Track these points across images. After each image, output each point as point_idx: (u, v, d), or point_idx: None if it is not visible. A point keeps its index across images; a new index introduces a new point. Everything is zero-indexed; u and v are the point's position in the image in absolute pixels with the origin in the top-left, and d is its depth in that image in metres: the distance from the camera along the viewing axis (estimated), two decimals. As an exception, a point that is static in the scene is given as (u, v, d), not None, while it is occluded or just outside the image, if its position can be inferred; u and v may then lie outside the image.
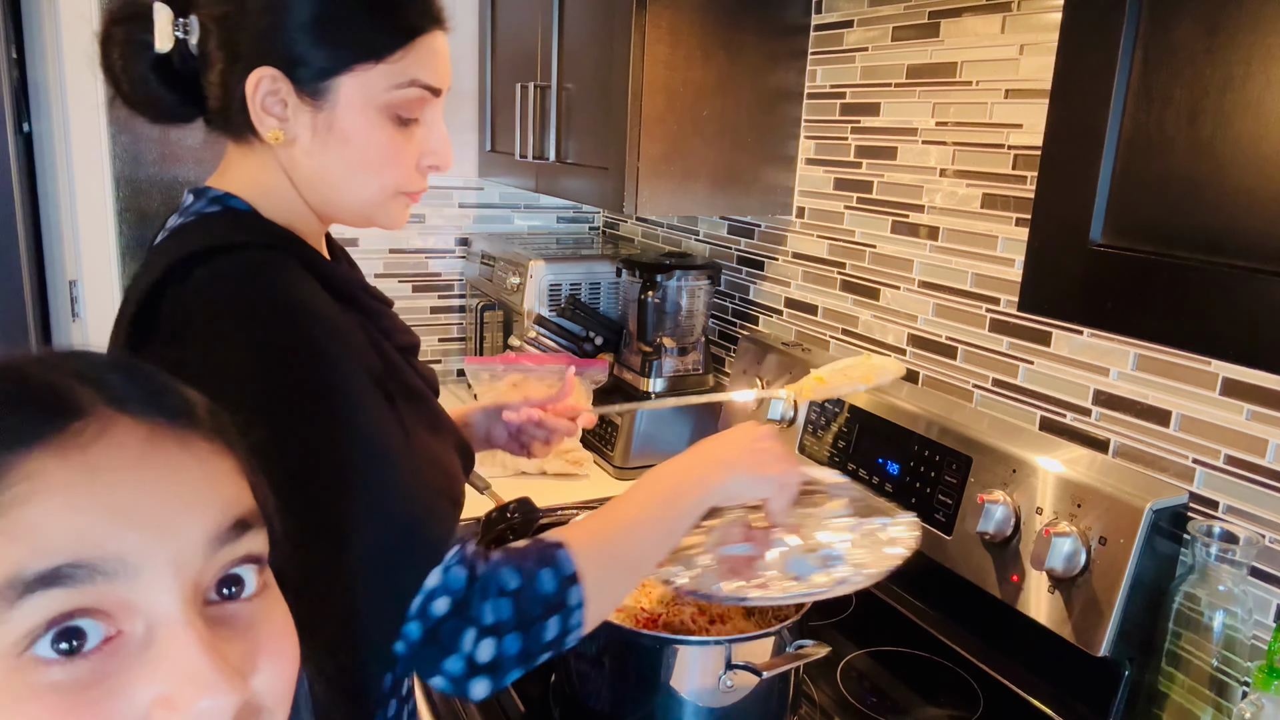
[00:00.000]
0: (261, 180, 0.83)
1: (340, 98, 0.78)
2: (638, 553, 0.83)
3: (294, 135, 0.79)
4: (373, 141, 0.81)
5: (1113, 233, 0.70)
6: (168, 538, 0.39)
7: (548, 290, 1.92)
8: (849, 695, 1.12)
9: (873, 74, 1.47)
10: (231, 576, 0.42)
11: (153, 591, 0.38)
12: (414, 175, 0.85)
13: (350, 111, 0.79)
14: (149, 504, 0.39)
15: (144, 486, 0.39)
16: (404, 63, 0.80)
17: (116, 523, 0.37)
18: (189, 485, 0.40)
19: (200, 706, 0.37)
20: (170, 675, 0.37)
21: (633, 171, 1.50)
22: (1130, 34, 0.67)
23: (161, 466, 0.40)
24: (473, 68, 2.26)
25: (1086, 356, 1.17)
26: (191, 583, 0.39)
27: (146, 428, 0.40)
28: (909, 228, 1.43)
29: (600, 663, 0.99)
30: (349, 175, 0.82)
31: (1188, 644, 0.97)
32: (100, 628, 0.37)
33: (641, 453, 1.75)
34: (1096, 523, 1.03)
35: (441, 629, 0.72)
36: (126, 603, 0.37)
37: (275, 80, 0.77)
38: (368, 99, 0.79)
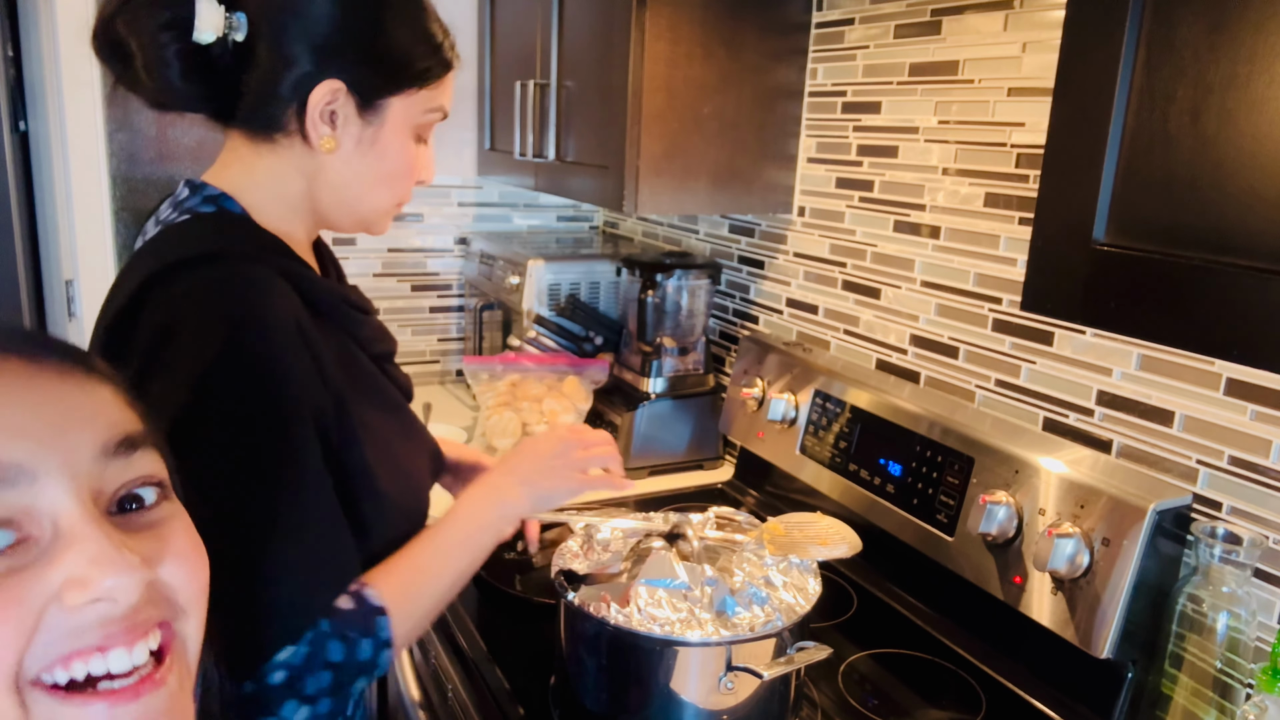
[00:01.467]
0: (268, 182, 0.86)
1: (390, 116, 0.87)
2: (446, 593, 0.91)
3: (340, 143, 0.85)
4: (402, 156, 0.89)
5: (1116, 232, 0.70)
6: (57, 447, 0.44)
7: (547, 290, 1.91)
8: (850, 697, 1.11)
9: (874, 72, 1.46)
10: (132, 495, 0.47)
11: (51, 494, 0.43)
12: (409, 190, 0.94)
13: (394, 129, 0.88)
14: (35, 419, 0.44)
15: (29, 406, 0.44)
16: (437, 90, 0.92)
17: (7, 434, 0.42)
18: (71, 404, 0.46)
19: (107, 584, 0.42)
20: (78, 561, 0.42)
21: (633, 170, 1.49)
22: (1133, 32, 0.67)
23: (45, 390, 0.45)
24: (472, 66, 2.25)
25: (1089, 356, 1.16)
26: (89, 489, 0.44)
27: (31, 365, 0.46)
28: (911, 227, 1.42)
29: (600, 664, 0.98)
30: (375, 184, 0.89)
31: (1191, 646, 0.96)
32: (9, 534, 0.42)
33: (641, 453, 1.74)
34: (1099, 524, 1.02)
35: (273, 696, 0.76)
36: (29, 509, 0.42)
37: (339, 93, 0.83)
38: (407, 120, 0.88)
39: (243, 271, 0.79)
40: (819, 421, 1.46)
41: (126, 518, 0.47)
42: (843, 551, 1.03)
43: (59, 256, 2.33)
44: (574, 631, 1.00)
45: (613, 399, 1.79)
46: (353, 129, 0.86)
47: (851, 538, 1.05)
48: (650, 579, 0.96)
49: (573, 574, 1.01)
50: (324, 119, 0.84)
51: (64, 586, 0.42)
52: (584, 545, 1.06)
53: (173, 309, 0.76)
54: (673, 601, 0.94)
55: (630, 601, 0.94)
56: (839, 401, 1.42)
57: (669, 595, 0.95)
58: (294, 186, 0.87)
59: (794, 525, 1.07)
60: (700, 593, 0.95)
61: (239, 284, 0.78)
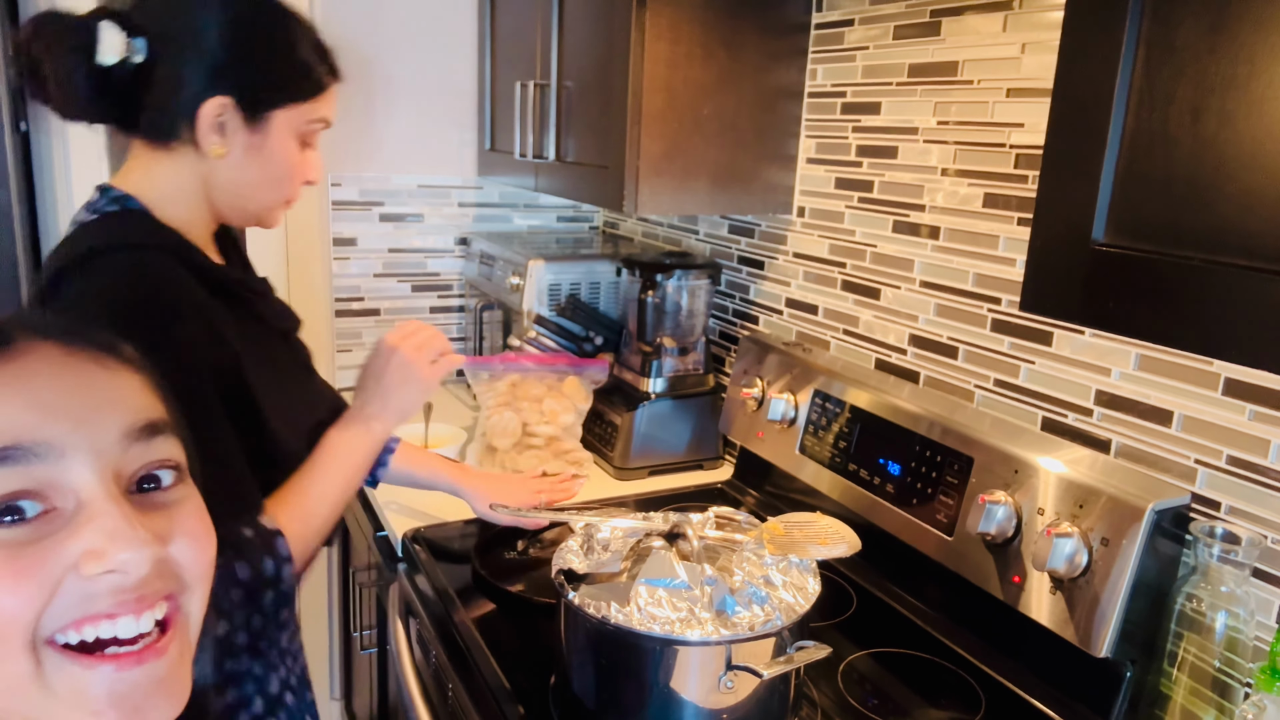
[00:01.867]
0: (166, 183, 0.99)
1: (273, 127, 1.00)
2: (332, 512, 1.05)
3: (228, 150, 0.98)
4: (287, 161, 1.02)
5: (1115, 232, 0.70)
6: (86, 428, 0.48)
7: (547, 290, 1.91)
8: (850, 696, 1.12)
9: (874, 73, 1.47)
10: (150, 476, 0.51)
11: (77, 471, 0.47)
12: (298, 189, 1.07)
13: (278, 138, 1.00)
14: (68, 401, 0.48)
15: (63, 388, 0.48)
16: (318, 103, 1.04)
17: (43, 414, 0.47)
18: (102, 390, 0.50)
19: (121, 557, 0.46)
20: (96, 534, 0.46)
21: (633, 170, 1.50)
22: (1133, 32, 0.67)
23: (79, 374, 0.50)
24: (472, 67, 2.26)
25: (1088, 356, 1.17)
26: (111, 469, 0.49)
27: (66, 350, 0.50)
28: (910, 227, 1.42)
29: (600, 663, 0.99)
30: (262, 186, 1.03)
31: (1190, 645, 0.97)
32: (37, 505, 0.46)
33: (641, 453, 1.75)
34: (1098, 523, 1.02)
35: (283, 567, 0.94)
36: (56, 482, 0.47)
37: (227, 107, 0.96)
38: (291, 129, 1.01)
39: (139, 258, 0.92)
40: (818, 421, 1.46)
41: (144, 496, 0.51)
42: (842, 551, 1.03)
43: (59, 256, 2.33)
44: (574, 631, 1.00)
45: (613, 399, 1.79)
46: (240, 138, 0.98)
47: (851, 537, 1.05)
48: (650, 578, 0.96)
49: (573, 573, 1.01)
50: (214, 129, 0.96)
51: (82, 557, 0.46)
52: (584, 545, 1.06)
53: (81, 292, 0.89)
54: (673, 601, 0.94)
55: (630, 601, 0.94)
56: (838, 401, 1.42)
57: (669, 594, 0.95)
58: (189, 187, 1.00)
59: (793, 525, 1.07)
60: (700, 592, 0.95)
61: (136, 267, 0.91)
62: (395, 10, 2.16)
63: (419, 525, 1.52)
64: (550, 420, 1.72)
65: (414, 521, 1.54)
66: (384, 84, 2.18)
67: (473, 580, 1.35)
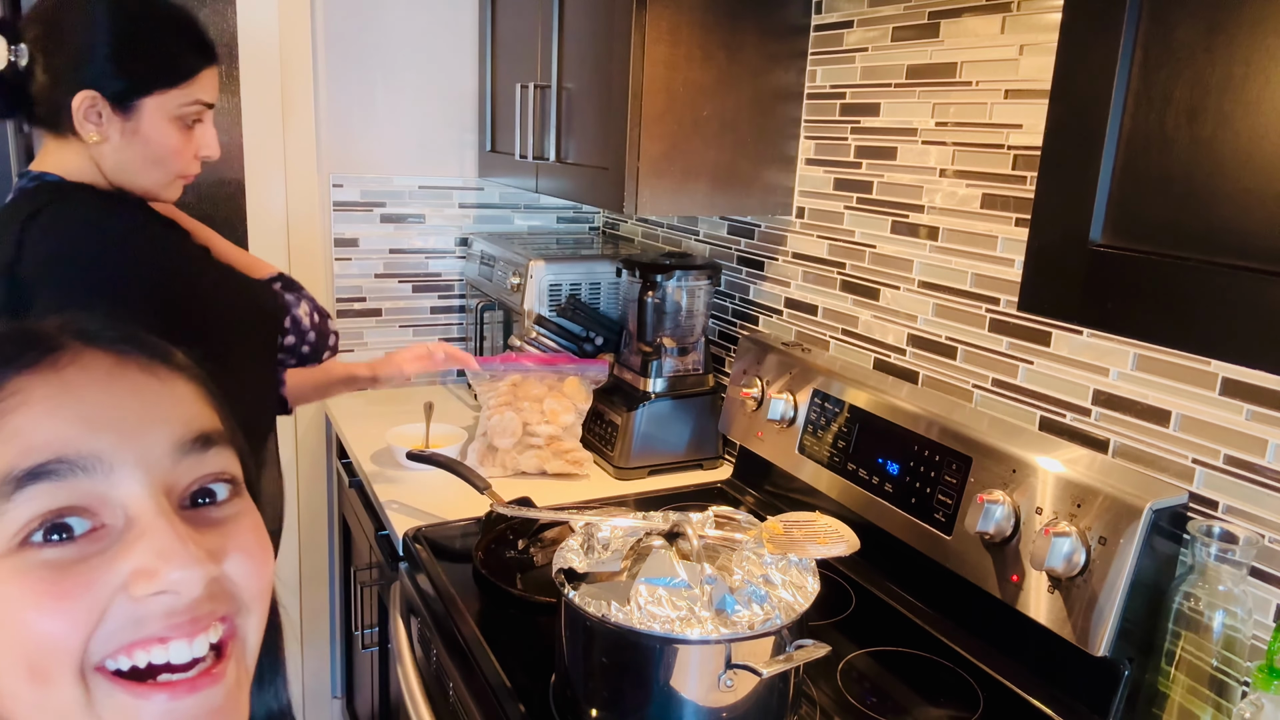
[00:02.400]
0: (73, 164, 1.12)
1: (144, 113, 1.09)
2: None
3: (107, 137, 1.09)
4: (166, 143, 1.12)
5: (1112, 233, 0.70)
6: (134, 440, 0.46)
7: (548, 290, 1.92)
8: (849, 695, 1.12)
9: (873, 74, 1.47)
10: (205, 490, 0.49)
11: (126, 485, 0.45)
12: (191, 163, 1.16)
13: (151, 122, 1.10)
14: (116, 412, 0.46)
15: (111, 398, 0.46)
16: (192, 87, 1.12)
17: (89, 426, 0.45)
18: (151, 399, 0.48)
19: (172, 577, 0.44)
20: (147, 552, 0.44)
21: (633, 171, 1.50)
22: (1130, 34, 0.67)
23: (127, 384, 0.47)
24: (473, 68, 2.26)
25: (1086, 356, 1.17)
26: (162, 483, 0.46)
27: (114, 357, 0.48)
28: (909, 228, 1.43)
29: (600, 662, 0.99)
30: (146, 166, 1.13)
31: (1187, 644, 0.97)
32: (85, 522, 0.44)
33: (641, 453, 1.75)
34: (1096, 522, 1.03)
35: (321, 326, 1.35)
36: (104, 497, 0.44)
37: (95, 100, 1.06)
38: (164, 113, 1.10)
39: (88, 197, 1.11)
40: (818, 421, 1.46)
41: (197, 512, 0.48)
42: (841, 550, 1.03)
43: (60, 257, 2.33)
44: (574, 630, 1.00)
45: (613, 399, 1.79)
46: (115, 125, 1.09)
47: (850, 536, 1.06)
48: (650, 577, 0.96)
49: (573, 572, 1.01)
50: (88, 119, 1.07)
51: (131, 577, 0.44)
52: (584, 544, 1.06)
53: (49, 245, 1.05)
54: (672, 600, 0.95)
55: (630, 600, 0.95)
56: (838, 401, 1.43)
57: (669, 593, 0.95)
58: (87, 168, 1.12)
59: (793, 524, 1.08)
60: (700, 591, 0.95)
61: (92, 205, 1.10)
62: (396, 12, 2.17)
63: (420, 524, 1.52)
64: (551, 420, 1.72)
65: (415, 520, 1.54)
66: (385, 85, 2.19)
67: (474, 579, 1.35)
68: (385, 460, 1.82)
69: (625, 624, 0.93)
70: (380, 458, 1.83)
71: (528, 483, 1.70)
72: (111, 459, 0.44)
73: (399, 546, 1.51)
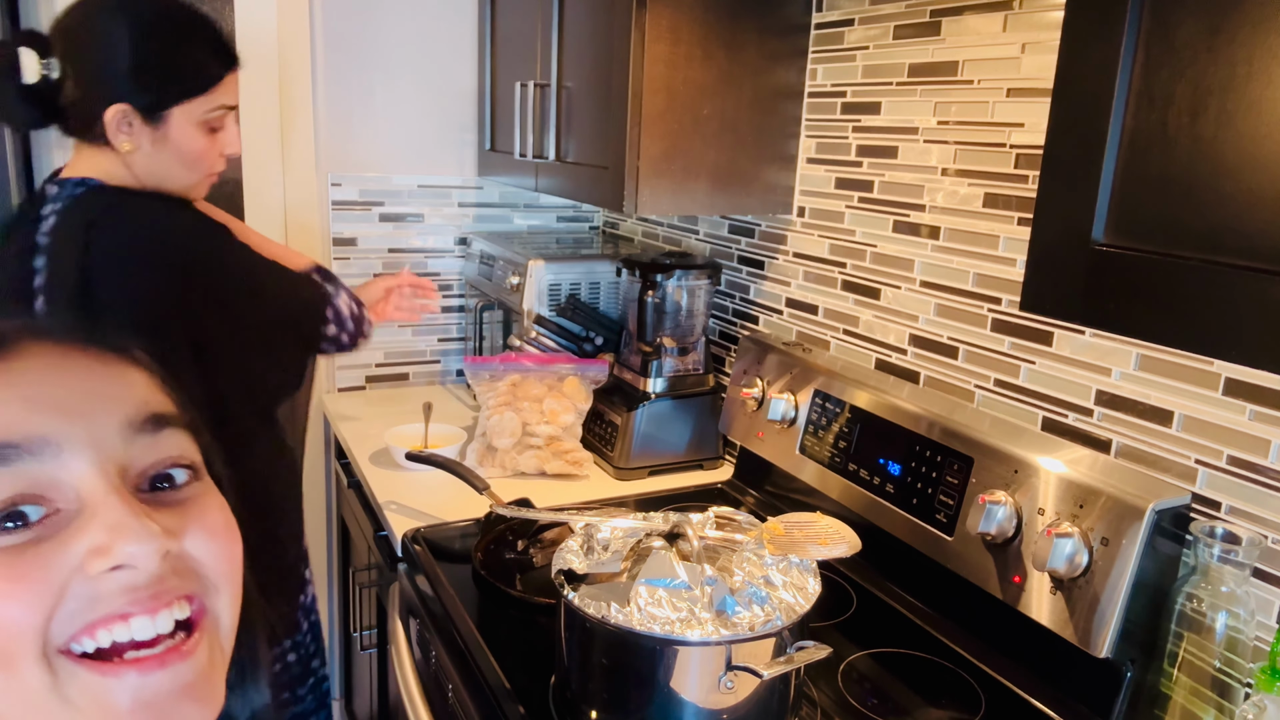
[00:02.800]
0: (109, 169, 1.18)
1: (173, 121, 1.16)
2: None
3: (138, 146, 1.16)
4: (194, 147, 1.19)
5: (1115, 232, 0.70)
6: (81, 420, 0.46)
7: (547, 290, 1.91)
8: (850, 696, 1.12)
9: (874, 73, 1.47)
10: (163, 475, 0.48)
11: (75, 465, 0.44)
12: (218, 161, 1.23)
13: (179, 129, 1.16)
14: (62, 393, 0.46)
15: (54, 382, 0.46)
16: (217, 93, 1.18)
17: (33, 408, 0.45)
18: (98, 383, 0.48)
19: (127, 550, 0.44)
20: (100, 529, 0.44)
21: (633, 170, 1.50)
22: (1132, 32, 0.67)
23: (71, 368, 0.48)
24: (472, 67, 2.26)
25: (1088, 356, 1.17)
26: (114, 462, 0.46)
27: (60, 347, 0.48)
28: (910, 227, 1.42)
29: (600, 663, 0.99)
30: (176, 170, 1.19)
31: (1190, 645, 0.97)
32: (39, 509, 0.44)
33: (641, 453, 1.75)
34: (1098, 523, 1.02)
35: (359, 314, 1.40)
36: (55, 480, 0.44)
37: (126, 112, 1.13)
38: (191, 119, 1.17)
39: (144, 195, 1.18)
40: (819, 421, 1.46)
41: (155, 495, 0.48)
42: (842, 551, 1.03)
43: (60, 257, 2.33)
44: (574, 631, 1.00)
45: (613, 399, 1.79)
46: (145, 134, 1.15)
47: (851, 537, 1.05)
48: (650, 578, 0.96)
49: (573, 573, 1.01)
50: (120, 130, 1.14)
51: (86, 555, 0.43)
52: (584, 545, 1.06)
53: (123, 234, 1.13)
54: (673, 601, 0.94)
55: (630, 601, 0.95)
56: (839, 401, 1.42)
57: (669, 595, 0.95)
58: (121, 172, 1.18)
59: (793, 525, 1.07)
60: (700, 592, 0.95)
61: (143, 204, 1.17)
62: (395, 10, 2.16)
63: (419, 525, 1.52)
64: (550, 420, 1.72)
65: (414, 521, 1.54)
66: (384, 84, 2.18)
67: (473, 580, 1.35)
68: (384, 461, 1.82)
69: (625, 625, 0.93)
70: (379, 458, 1.83)
71: (527, 483, 1.70)
72: (60, 440, 0.44)
73: (398, 547, 1.51)
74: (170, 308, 1.12)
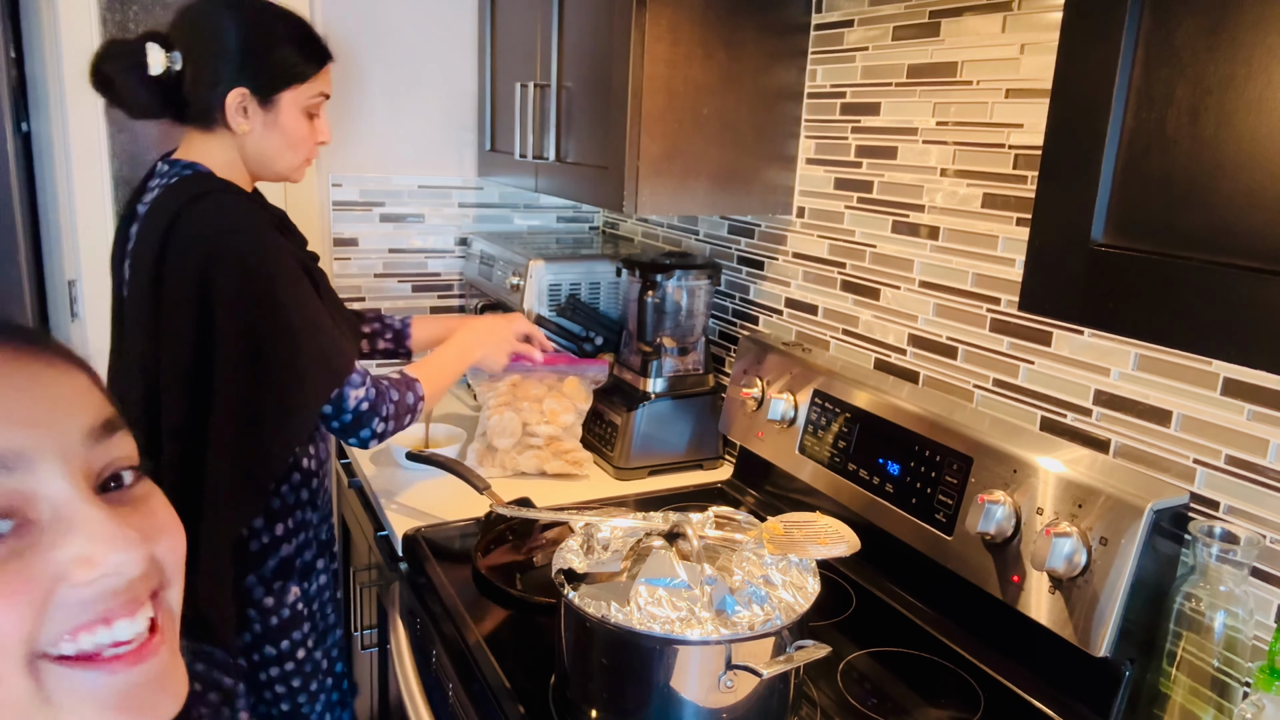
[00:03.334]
0: (216, 156, 1.30)
1: (282, 105, 1.30)
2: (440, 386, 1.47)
3: (252, 128, 1.29)
4: (298, 131, 1.32)
5: (1114, 232, 0.70)
6: (52, 433, 0.46)
7: (547, 290, 1.91)
8: (849, 696, 1.12)
9: (873, 73, 1.47)
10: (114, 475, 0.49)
11: (49, 480, 0.45)
12: (314, 148, 1.37)
13: (287, 113, 1.30)
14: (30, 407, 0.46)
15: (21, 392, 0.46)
16: (317, 81, 1.33)
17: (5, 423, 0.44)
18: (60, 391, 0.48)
19: (114, 560, 0.45)
20: (85, 539, 0.45)
21: (633, 171, 1.50)
22: (1131, 33, 0.67)
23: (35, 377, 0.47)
24: (472, 67, 2.26)
25: (1087, 356, 1.17)
26: (81, 472, 0.47)
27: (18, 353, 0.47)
28: (909, 227, 1.42)
29: (600, 663, 0.99)
30: (281, 151, 1.32)
31: (1189, 644, 0.97)
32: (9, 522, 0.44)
33: (641, 453, 1.75)
34: (1097, 523, 1.02)
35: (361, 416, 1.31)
36: (29, 494, 0.44)
37: (244, 96, 1.26)
38: (297, 105, 1.31)
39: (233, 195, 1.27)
40: (818, 421, 1.46)
41: (108, 495, 0.49)
42: (841, 550, 1.03)
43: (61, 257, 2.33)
44: (574, 630, 1.00)
45: (613, 399, 1.79)
46: (259, 117, 1.28)
47: (850, 537, 1.05)
48: (650, 578, 0.96)
49: (573, 573, 1.01)
50: (238, 113, 1.27)
51: (72, 565, 0.44)
52: (584, 544, 1.06)
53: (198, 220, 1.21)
54: (672, 600, 0.95)
55: (630, 600, 0.95)
56: (838, 401, 1.42)
57: (669, 594, 0.95)
58: (230, 155, 1.31)
59: (793, 524, 1.07)
60: (700, 591, 0.95)
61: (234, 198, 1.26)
62: (395, 11, 2.16)
63: (419, 525, 1.52)
64: (551, 420, 1.72)
65: (415, 521, 1.54)
66: (385, 85, 2.18)
67: (473, 580, 1.35)
68: (384, 460, 1.82)
69: (625, 625, 0.93)
70: (379, 458, 1.83)
71: (528, 483, 1.70)
72: (31, 453, 0.45)
73: (398, 547, 1.51)
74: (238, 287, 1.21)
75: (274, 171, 1.35)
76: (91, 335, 2.36)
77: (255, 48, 1.25)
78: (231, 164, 1.31)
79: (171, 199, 1.23)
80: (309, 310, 1.26)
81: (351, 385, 1.29)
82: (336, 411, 1.30)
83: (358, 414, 1.30)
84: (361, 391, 1.30)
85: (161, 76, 1.23)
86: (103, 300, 2.33)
